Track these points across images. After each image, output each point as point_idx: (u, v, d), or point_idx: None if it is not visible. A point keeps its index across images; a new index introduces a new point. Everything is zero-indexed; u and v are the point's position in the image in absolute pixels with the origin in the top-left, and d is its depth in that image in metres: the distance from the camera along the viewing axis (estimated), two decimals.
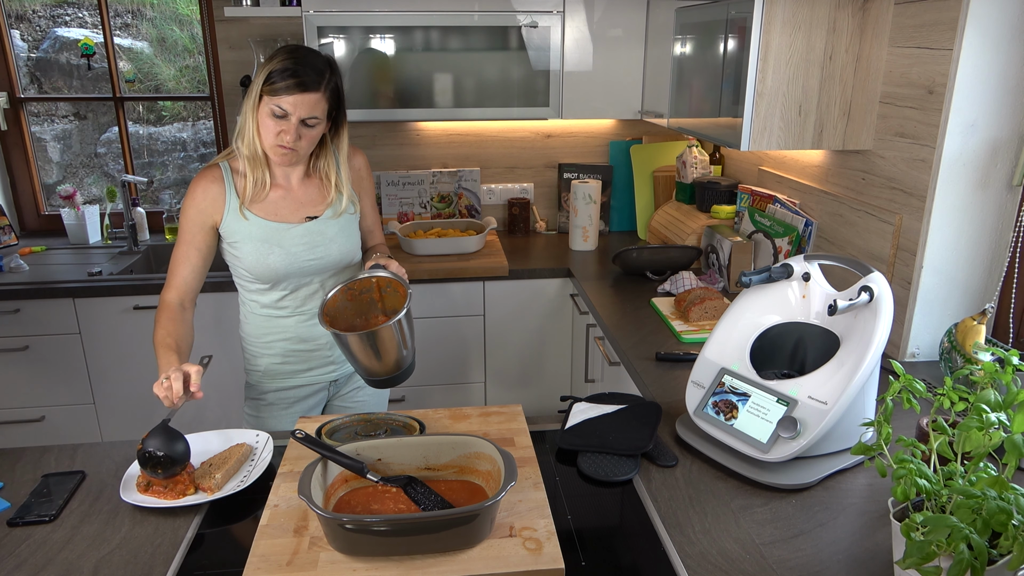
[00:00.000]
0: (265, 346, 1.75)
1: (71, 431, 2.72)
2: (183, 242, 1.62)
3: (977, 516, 0.85)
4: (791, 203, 2.27)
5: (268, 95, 1.51)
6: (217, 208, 1.61)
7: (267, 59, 1.54)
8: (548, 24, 2.67)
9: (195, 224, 1.61)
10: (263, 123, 1.54)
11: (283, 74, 1.49)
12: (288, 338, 1.74)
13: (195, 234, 1.62)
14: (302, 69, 1.50)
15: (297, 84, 1.50)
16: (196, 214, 1.60)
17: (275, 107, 1.51)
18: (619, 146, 3.21)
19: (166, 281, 1.63)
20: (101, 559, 1.08)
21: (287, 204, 1.66)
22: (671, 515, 1.19)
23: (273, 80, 1.50)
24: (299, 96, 1.50)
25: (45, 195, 3.27)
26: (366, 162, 1.83)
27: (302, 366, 1.77)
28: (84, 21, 3.24)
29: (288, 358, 1.76)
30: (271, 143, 1.56)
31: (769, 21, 1.80)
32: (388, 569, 0.99)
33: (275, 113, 1.51)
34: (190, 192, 1.61)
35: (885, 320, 1.25)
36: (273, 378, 1.77)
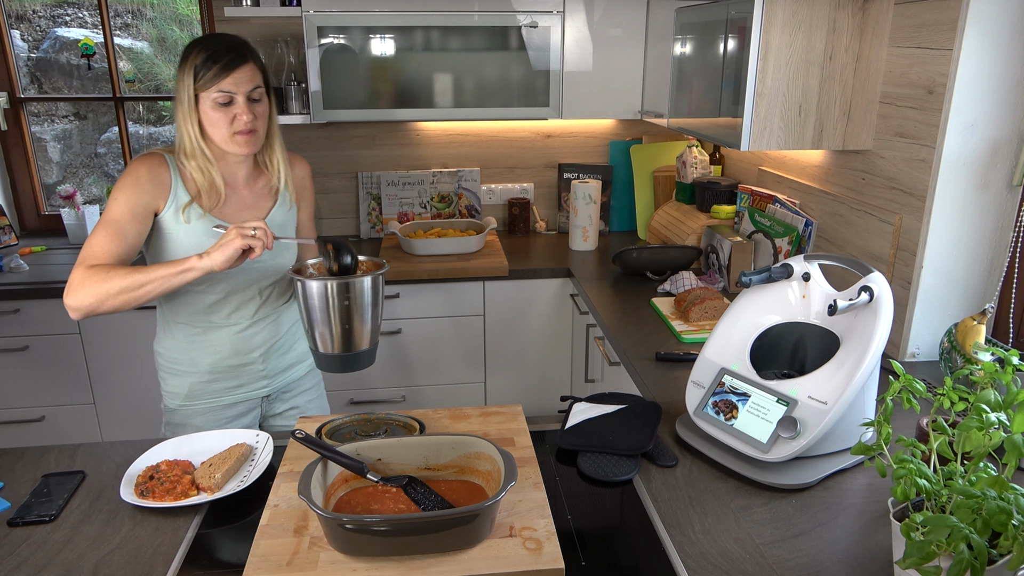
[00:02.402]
0: (190, 363, 1.63)
1: (71, 431, 2.72)
2: (109, 230, 1.45)
3: (977, 516, 0.85)
4: (791, 203, 2.27)
5: (204, 89, 1.46)
6: (162, 195, 1.50)
7: (181, 63, 1.49)
8: (548, 24, 2.67)
9: (131, 208, 1.47)
10: (210, 120, 1.48)
11: (210, 60, 1.45)
12: (218, 353, 1.63)
13: (127, 221, 1.46)
14: (223, 48, 1.47)
15: (228, 62, 1.46)
16: (138, 195, 1.47)
17: (218, 95, 1.46)
18: (619, 146, 3.21)
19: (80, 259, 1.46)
20: (101, 559, 1.08)
21: (233, 206, 1.59)
22: (671, 515, 1.19)
23: (203, 72, 1.45)
24: (237, 73, 1.46)
25: (45, 195, 3.27)
26: (309, 172, 1.78)
27: (230, 382, 1.66)
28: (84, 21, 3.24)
29: (216, 375, 1.64)
30: (226, 135, 1.50)
31: (769, 21, 1.80)
32: (388, 569, 0.99)
33: (220, 102, 1.46)
34: (132, 172, 1.48)
35: (885, 320, 1.25)
36: (198, 399, 1.65)
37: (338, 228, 3.25)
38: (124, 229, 1.46)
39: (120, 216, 1.46)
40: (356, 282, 1.39)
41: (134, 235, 1.48)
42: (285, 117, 2.79)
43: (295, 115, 2.79)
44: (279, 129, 1.65)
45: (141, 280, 1.41)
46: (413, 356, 2.78)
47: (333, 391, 2.81)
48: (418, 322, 2.73)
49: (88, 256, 1.45)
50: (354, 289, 1.39)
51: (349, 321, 1.40)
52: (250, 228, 1.39)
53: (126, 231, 1.47)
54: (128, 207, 1.47)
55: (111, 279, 1.41)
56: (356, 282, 1.39)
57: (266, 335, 1.68)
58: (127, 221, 1.47)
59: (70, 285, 1.43)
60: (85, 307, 1.43)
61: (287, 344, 1.75)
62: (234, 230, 1.39)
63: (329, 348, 1.43)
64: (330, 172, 3.16)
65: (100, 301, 1.42)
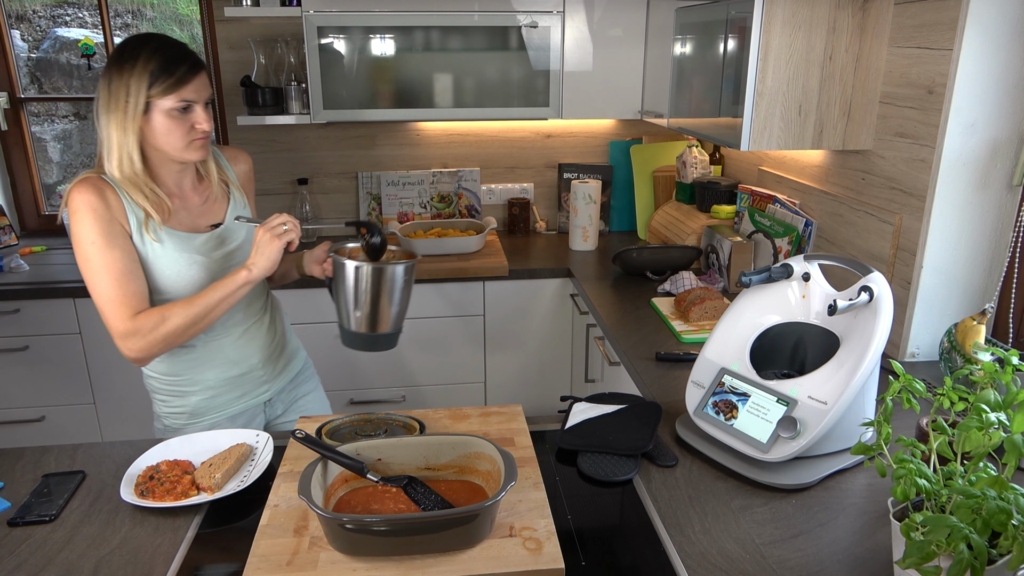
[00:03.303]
0: (190, 383, 1.58)
1: (71, 431, 2.72)
2: (110, 274, 1.37)
3: (977, 516, 0.85)
4: (791, 203, 2.27)
5: (161, 97, 1.36)
6: (123, 217, 1.41)
7: (121, 67, 1.36)
8: (548, 24, 2.67)
9: (112, 232, 1.38)
10: (163, 129, 1.38)
11: (169, 66, 1.36)
12: (218, 366, 1.58)
13: (119, 241, 1.39)
14: (177, 54, 1.38)
15: (188, 69, 1.38)
16: (107, 221, 1.37)
17: (179, 103, 1.37)
18: (619, 146, 3.21)
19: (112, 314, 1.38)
20: (101, 559, 1.08)
21: (187, 214, 1.51)
22: (671, 515, 1.19)
23: (161, 78, 1.35)
24: (198, 79, 1.39)
25: (45, 195, 3.27)
26: (251, 165, 1.71)
27: (234, 394, 1.62)
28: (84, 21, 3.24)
29: (219, 390, 1.60)
30: (182, 144, 1.41)
31: (769, 21, 1.80)
32: (388, 569, 0.99)
33: (179, 108, 1.38)
34: (83, 203, 1.35)
35: (885, 320, 1.25)
36: (203, 416, 1.60)
37: (338, 228, 3.25)
38: (125, 247, 1.40)
39: (107, 240, 1.37)
40: (389, 268, 1.44)
41: (134, 262, 1.41)
42: (285, 117, 2.79)
43: (295, 115, 2.80)
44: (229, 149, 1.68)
45: (200, 312, 1.41)
46: (413, 356, 2.78)
47: (333, 391, 2.81)
48: (418, 322, 2.73)
49: (116, 310, 1.38)
50: (385, 275, 1.44)
51: (377, 304, 1.45)
52: (278, 224, 1.43)
53: (127, 247, 1.40)
54: (107, 233, 1.37)
55: (169, 320, 1.39)
56: (389, 268, 1.44)
57: (262, 338, 1.66)
58: (117, 241, 1.39)
59: (123, 339, 1.39)
60: (155, 355, 1.44)
61: (282, 343, 1.74)
62: (265, 232, 1.42)
63: (356, 327, 1.48)
64: (330, 172, 3.16)
65: (167, 345, 1.42)
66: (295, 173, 3.14)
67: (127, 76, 1.36)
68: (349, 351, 2.74)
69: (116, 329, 1.39)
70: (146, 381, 1.63)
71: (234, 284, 1.42)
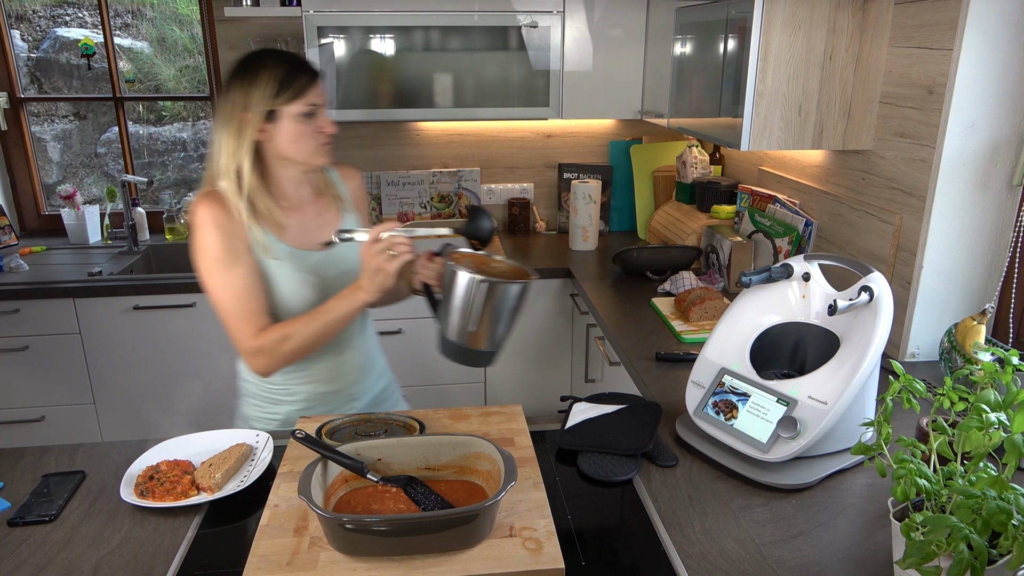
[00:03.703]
0: (288, 392, 1.58)
1: (71, 431, 2.72)
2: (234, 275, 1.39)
3: (977, 516, 0.85)
4: (791, 203, 2.27)
5: (289, 102, 1.38)
6: (245, 232, 1.42)
7: (243, 80, 1.38)
8: (548, 24, 2.67)
9: (235, 248, 1.40)
10: (296, 133, 1.40)
11: (295, 72, 1.39)
12: (317, 380, 1.58)
13: (242, 257, 1.40)
14: (300, 61, 1.41)
15: (311, 75, 1.41)
16: (231, 237, 1.39)
17: (306, 107, 1.39)
18: (619, 146, 3.21)
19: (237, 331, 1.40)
20: (101, 559, 1.08)
21: (303, 229, 1.50)
22: (671, 515, 1.19)
23: (288, 84, 1.38)
24: (319, 85, 1.42)
25: (45, 195, 3.27)
26: (362, 181, 1.70)
27: (325, 408, 1.61)
28: (84, 21, 3.24)
29: (312, 402, 1.60)
30: (312, 148, 1.43)
31: (769, 21, 1.80)
32: (388, 569, 0.99)
33: (306, 113, 1.40)
34: (209, 218, 1.38)
35: (885, 320, 1.25)
36: (293, 424, 1.59)
37: None
38: (246, 261, 1.41)
39: (230, 253, 1.39)
40: (503, 286, 1.31)
41: (256, 277, 1.43)
42: None
43: None
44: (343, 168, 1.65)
45: (320, 331, 1.40)
46: (413, 356, 2.78)
47: None
48: (418, 322, 2.73)
49: (241, 327, 1.40)
50: (498, 291, 1.32)
51: (484, 320, 1.34)
52: (385, 247, 1.32)
53: (249, 261, 1.41)
54: (230, 247, 1.39)
55: (291, 339, 1.39)
56: (503, 286, 1.31)
57: (359, 359, 1.64)
58: (241, 255, 1.40)
59: (250, 356, 1.42)
60: (277, 370, 1.45)
61: (371, 361, 1.71)
62: (372, 257, 1.33)
63: (457, 338, 1.38)
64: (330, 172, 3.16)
65: (289, 362, 1.44)
66: None
67: (250, 87, 1.37)
68: None
69: (243, 346, 1.42)
70: (240, 384, 1.64)
71: (351, 305, 1.39)
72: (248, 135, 1.39)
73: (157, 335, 2.65)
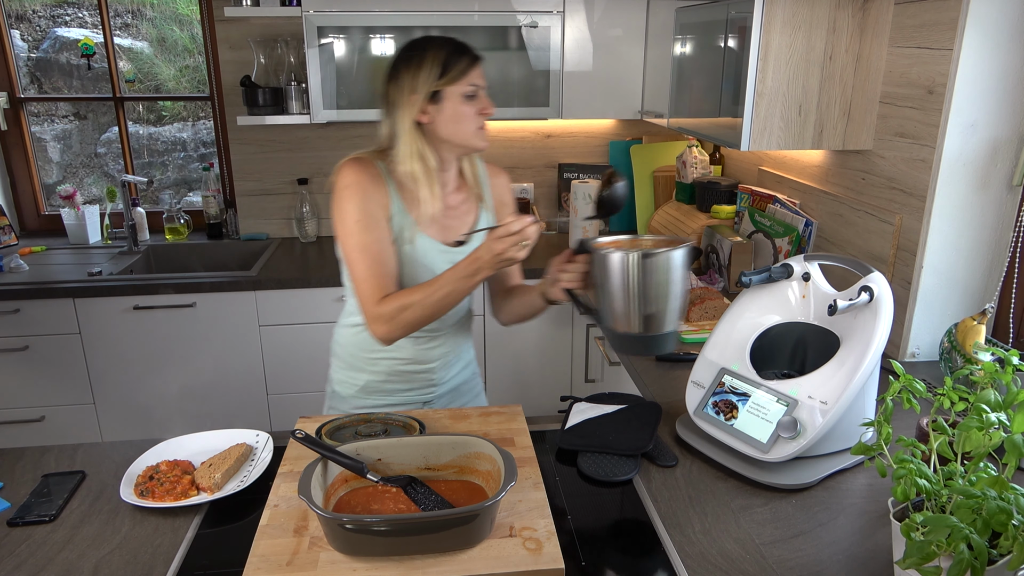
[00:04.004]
0: (370, 362, 1.60)
1: (71, 431, 2.72)
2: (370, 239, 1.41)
3: (977, 516, 0.85)
4: (791, 203, 2.27)
5: (454, 83, 1.41)
6: (386, 204, 1.44)
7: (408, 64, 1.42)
8: (548, 24, 2.67)
9: (375, 215, 1.42)
10: (457, 115, 1.42)
11: (459, 54, 1.42)
12: (400, 358, 1.59)
13: (380, 224, 1.42)
14: (461, 44, 1.44)
15: (473, 57, 1.43)
16: (374, 204, 1.42)
17: (468, 88, 1.42)
18: (619, 146, 3.21)
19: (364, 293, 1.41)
20: (101, 559, 1.08)
21: (441, 221, 1.51)
22: (671, 515, 1.18)
23: (453, 64, 1.40)
24: (479, 67, 1.44)
25: (45, 195, 3.27)
26: (510, 184, 1.67)
27: (402, 386, 1.63)
28: (84, 21, 3.24)
29: (392, 377, 1.61)
30: (473, 129, 1.44)
31: (769, 21, 1.80)
32: (388, 569, 0.99)
33: (468, 94, 1.42)
34: (355, 181, 1.42)
35: (885, 320, 1.25)
36: (370, 395, 1.63)
37: None
38: (383, 229, 1.43)
39: (371, 218, 1.42)
40: (662, 257, 1.22)
41: (389, 245, 1.44)
42: (285, 117, 2.79)
43: (295, 115, 2.80)
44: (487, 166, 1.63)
45: (438, 303, 1.39)
46: None
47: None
48: None
49: (368, 290, 1.41)
50: (658, 264, 1.22)
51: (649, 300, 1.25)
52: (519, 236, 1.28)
53: (386, 230, 1.43)
54: (371, 213, 1.42)
55: (409, 309, 1.39)
56: (662, 257, 1.22)
57: (445, 348, 1.63)
58: (381, 223, 1.43)
59: (371, 321, 1.42)
60: (399, 338, 1.45)
61: (460, 354, 1.70)
62: (508, 249, 1.29)
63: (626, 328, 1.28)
64: (330, 172, 3.14)
65: (408, 330, 1.43)
66: (295, 173, 3.14)
67: (417, 70, 1.41)
68: None
69: (366, 310, 1.43)
70: (332, 345, 1.68)
71: (471, 281, 1.36)
72: (413, 116, 1.42)
73: (157, 335, 2.65)
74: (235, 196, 3.17)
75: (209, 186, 3.13)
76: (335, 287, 2.67)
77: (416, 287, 1.41)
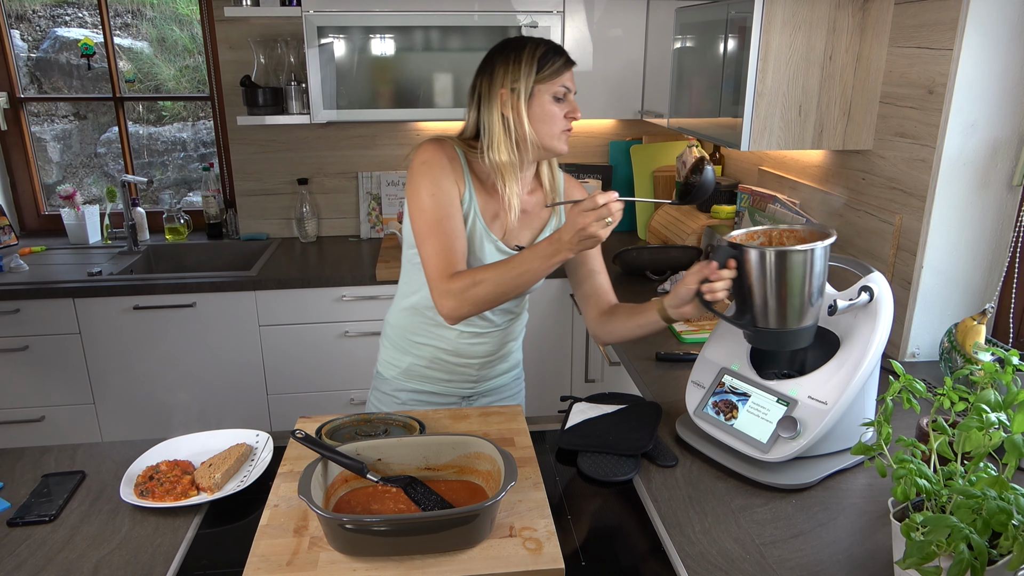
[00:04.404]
0: (415, 346, 1.61)
1: (71, 431, 2.72)
2: (444, 215, 1.40)
3: (977, 516, 0.85)
4: (791, 203, 2.27)
5: (546, 82, 1.40)
6: (460, 189, 1.44)
7: (508, 58, 1.41)
8: (548, 24, 2.67)
9: (450, 192, 1.42)
10: (545, 115, 1.42)
11: (553, 53, 1.41)
12: (443, 348, 1.60)
13: (454, 202, 1.42)
14: (557, 45, 1.44)
15: (567, 60, 1.43)
16: (450, 183, 1.42)
17: (559, 89, 1.41)
18: (619, 146, 3.21)
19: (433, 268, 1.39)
20: (101, 559, 1.08)
21: (511, 224, 1.51)
22: (671, 515, 1.19)
23: (549, 62, 1.40)
24: (572, 70, 1.44)
25: (45, 195, 3.27)
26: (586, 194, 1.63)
27: (443, 375, 1.63)
28: (84, 21, 3.24)
29: (434, 364, 1.62)
30: (557, 131, 1.44)
31: (769, 21, 1.80)
32: (388, 569, 0.99)
33: (558, 96, 1.42)
34: (435, 158, 1.42)
35: (885, 320, 1.25)
36: (411, 379, 1.64)
37: (338, 228, 3.25)
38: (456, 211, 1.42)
39: (447, 197, 1.41)
40: (800, 253, 1.22)
41: (461, 223, 1.43)
42: (285, 117, 2.79)
43: (295, 115, 2.80)
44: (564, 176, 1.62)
45: (511, 282, 1.36)
46: None
47: (333, 391, 2.81)
48: None
49: (438, 265, 1.40)
50: (795, 259, 1.22)
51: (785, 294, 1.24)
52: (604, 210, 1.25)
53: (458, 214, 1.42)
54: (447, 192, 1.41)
55: (480, 285, 1.36)
56: (800, 253, 1.22)
57: (489, 347, 1.63)
58: (455, 205, 1.42)
59: (439, 296, 1.40)
60: (466, 316, 1.42)
61: (505, 356, 1.70)
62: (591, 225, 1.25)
63: (763, 323, 1.28)
64: (330, 172, 3.16)
65: (476, 308, 1.40)
66: (295, 173, 3.14)
67: (515, 64, 1.41)
68: (347, 352, 2.75)
69: (434, 285, 1.41)
70: (384, 326, 1.70)
71: (549, 261, 1.33)
72: (501, 110, 1.42)
73: (157, 335, 2.65)
74: (235, 196, 3.17)
75: (209, 186, 3.14)
76: (335, 287, 2.67)
77: (490, 264, 1.39)
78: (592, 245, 1.29)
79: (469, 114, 1.50)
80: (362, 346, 2.75)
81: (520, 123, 1.43)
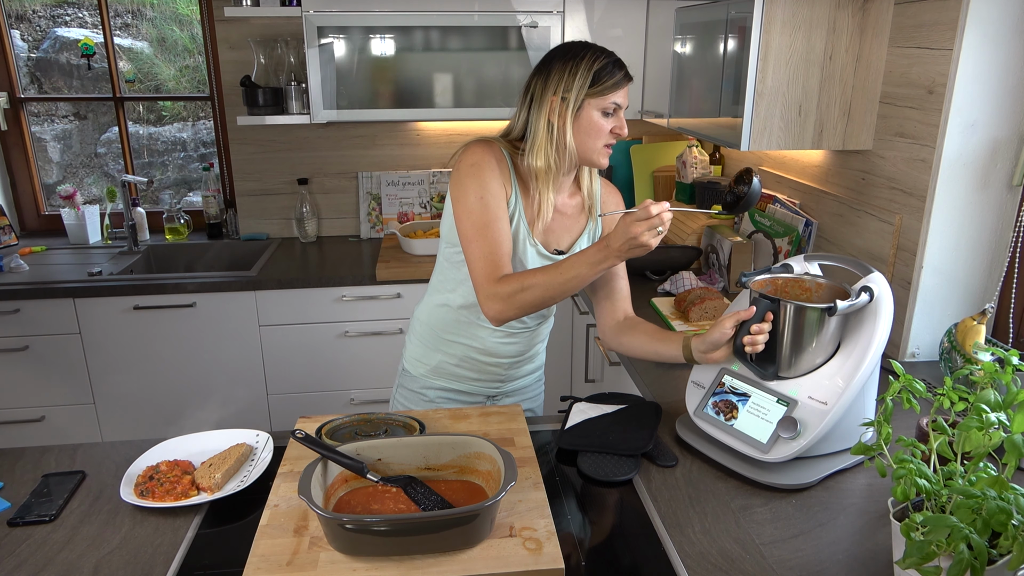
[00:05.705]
0: (446, 344, 1.61)
1: (71, 431, 2.72)
2: (491, 218, 1.39)
3: (977, 516, 0.85)
4: (791, 203, 2.27)
5: (598, 95, 1.39)
6: (507, 191, 1.44)
7: (565, 64, 1.40)
8: (548, 24, 2.67)
9: (498, 195, 1.41)
10: (593, 128, 1.41)
11: (613, 68, 1.40)
12: (475, 347, 1.60)
13: (501, 204, 1.41)
14: (618, 59, 1.42)
15: (625, 75, 1.41)
16: (498, 185, 1.41)
17: (608, 105, 1.40)
18: (619, 146, 3.21)
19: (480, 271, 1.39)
20: (101, 559, 1.08)
21: (549, 225, 1.51)
22: (671, 515, 1.19)
23: (607, 77, 1.39)
24: (627, 87, 1.42)
25: (45, 195, 3.27)
26: (622, 201, 1.64)
27: (472, 374, 1.64)
28: (84, 21, 3.24)
29: (464, 363, 1.62)
30: (600, 146, 1.43)
31: (769, 21, 1.80)
32: (388, 569, 0.99)
33: (606, 111, 1.41)
34: (484, 160, 1.42)
35: (885, 320, 1.25)
36: (440, 376, 1.64)
37: (338, 228, 3.25)
38: (503, 212, 1.42)
39: (495, 198, 1.41)
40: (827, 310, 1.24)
41: (508, 226, 1.43)
42: (285, 117, 2.79)
43: (295, 115, 2.80)
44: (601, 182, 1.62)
45: (559, 287, 1.35)
46: None
47: (333, 391, 2.81)
48: None
49: (485, 268, 1.39)
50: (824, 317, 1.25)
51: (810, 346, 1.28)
52: (656, 220, 1.25)
53: (504, 216, 1.42)
54: (495, 193, 1.41)
55: (528, 290, 1.35)
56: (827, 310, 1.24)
57: (519, 347, 1.63)
58: (502, 206, 1.41)
59: (485, 298, 1.39)
60: (511, 319, 1.42)
61: (532, 357, 1.71)
62: (643, 234, 1.25)
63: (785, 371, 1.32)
64: (330, 172, 3.16)
65: (523, 311, 1.39)
66: (295, 173, 3.14)
67: (571, 72, 1.39)
68: (347, 352, 2.75)
69: (481, 287, 1.40)
70: (411, 322, 1.70)
71: (597, 267, 1.32)
72: (550, 116, 1.41)
73: (157, 335, 2.65)
74: (235, 196, 3.17)
75: (209, 186, 3.14)
76: (335, 287, 2.67)
77: (538, 268, 1.38)
78: (641, 253, 1.29)
79: (519, 114, 1.48)
80: (362, 346, 2.75)
81: (563, 133, 1.42)
